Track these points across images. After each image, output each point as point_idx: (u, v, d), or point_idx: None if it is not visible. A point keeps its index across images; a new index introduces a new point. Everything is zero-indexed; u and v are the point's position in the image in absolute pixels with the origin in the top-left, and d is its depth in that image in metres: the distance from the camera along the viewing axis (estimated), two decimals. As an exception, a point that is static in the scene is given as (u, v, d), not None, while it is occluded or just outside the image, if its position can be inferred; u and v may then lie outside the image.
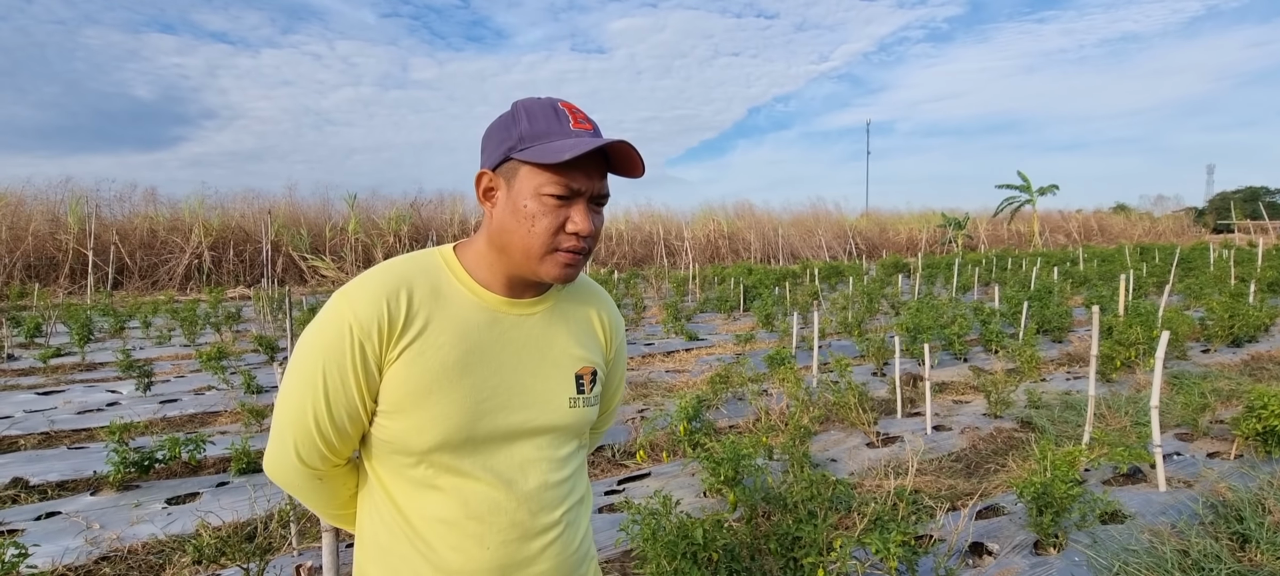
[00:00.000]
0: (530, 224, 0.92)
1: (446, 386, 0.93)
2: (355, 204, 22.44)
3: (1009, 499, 3.48)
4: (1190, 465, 3.91)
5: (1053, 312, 8.45)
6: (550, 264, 0.94)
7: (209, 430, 5.06)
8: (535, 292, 1.02)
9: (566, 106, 0.95)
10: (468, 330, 0.95)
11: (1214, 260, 17.29)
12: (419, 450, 0.94)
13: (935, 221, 33.14)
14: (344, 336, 0.90)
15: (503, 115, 0.97)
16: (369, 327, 0.90)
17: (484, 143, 0.98)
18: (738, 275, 15.46)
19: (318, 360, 0.92)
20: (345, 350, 0.91)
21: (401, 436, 0.94)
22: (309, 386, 0.93)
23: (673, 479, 3.94)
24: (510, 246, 0.94)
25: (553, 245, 0.93)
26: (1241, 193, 56.01)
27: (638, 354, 8.06)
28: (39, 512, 3.56)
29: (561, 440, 1.03)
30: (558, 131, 0.91)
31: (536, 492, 0.99)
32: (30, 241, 17.41)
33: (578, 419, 1.04)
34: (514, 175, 0.93)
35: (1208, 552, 2.78)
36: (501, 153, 0.94)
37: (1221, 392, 5.28)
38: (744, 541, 2.40)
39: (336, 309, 0.92)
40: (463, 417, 0.93)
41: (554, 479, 1.01)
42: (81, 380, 6.84)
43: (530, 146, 0.91)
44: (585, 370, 1.05)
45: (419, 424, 0.92)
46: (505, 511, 0.97)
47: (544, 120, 0.92)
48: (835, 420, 4.96)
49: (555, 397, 1.01)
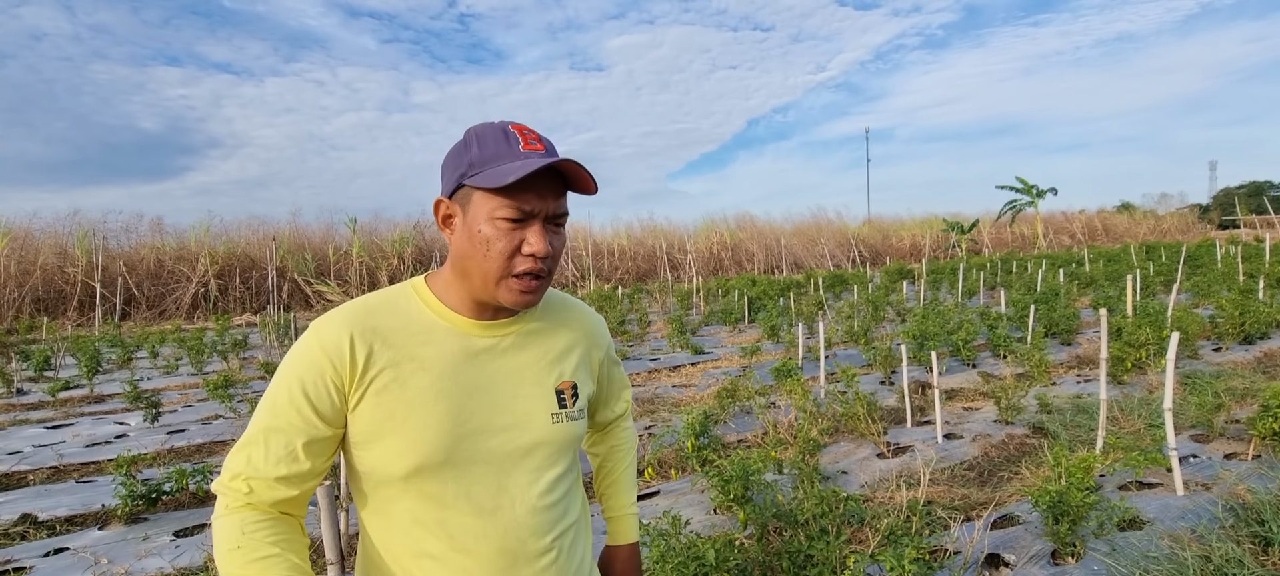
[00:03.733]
0: (485, 248, 0.93)
1: (421, 410, 0.93)
2: (358, 227, 22.55)
3: (1024, 507, 3.43)
4: (1207, 467, 3.85)
5: (1060, 315, 8.39)
6: (505, 289, 0.95)
7: (216, 459, 5.05)
8: (507, 314, 1.02)
9: (517, 128, 0.96)
10: (440, 355, 0.96)
11: (1221, 257, 17.18)
12: (399, 476, 0.93)
13: (938, 227, 33.07)
14: (315, 358, 0.92)
15: (457, 143, 0.98)
16: (334, 355, 0.92)
17: (442, 171, 1.00)
18: (742, 287, 15.43)
19: (291, 373, 0.93)
20: (315, 368, 0.92)
21: (381, 463, 0.94)
22: (275, 394, 0.94)
23: (682, 496, 3.90)
24: (470, 271, 0.96)
25: (509, 270, 0.93)
26: (1246, 188, 55.83)
27: (643, 369, 8.03)
28: (47, 548, 3.55)
29: (548, 460, 1.01)
30: (507, 154, 0.92)
31: (524, 518, 0.97)
32: (39, 275, 17.54)
33: (563, 434, 1.02)
34: (468, 201, 0.94)
35: (1229, 557, 2.73)
36: (455, 179, 0.95)
37: (1235, 392, 5.21)
38: (756, 560, 2.37)
39: (306, 338, 0.95)
40: (440, 440, 0.93)
41: (542, 503, 0.99)
42: (90, 412, 6.85)
43: (480, 171, 0.92)
44: (565, 384, 1.04)
45: (397, 448, 0.93)
46: (491, 539, 0.95)
47: (494, 144, 0.93)
48: (844, 431, 4.91)
49: (536, 415, 1.00)
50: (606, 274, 25.39)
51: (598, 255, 26.00)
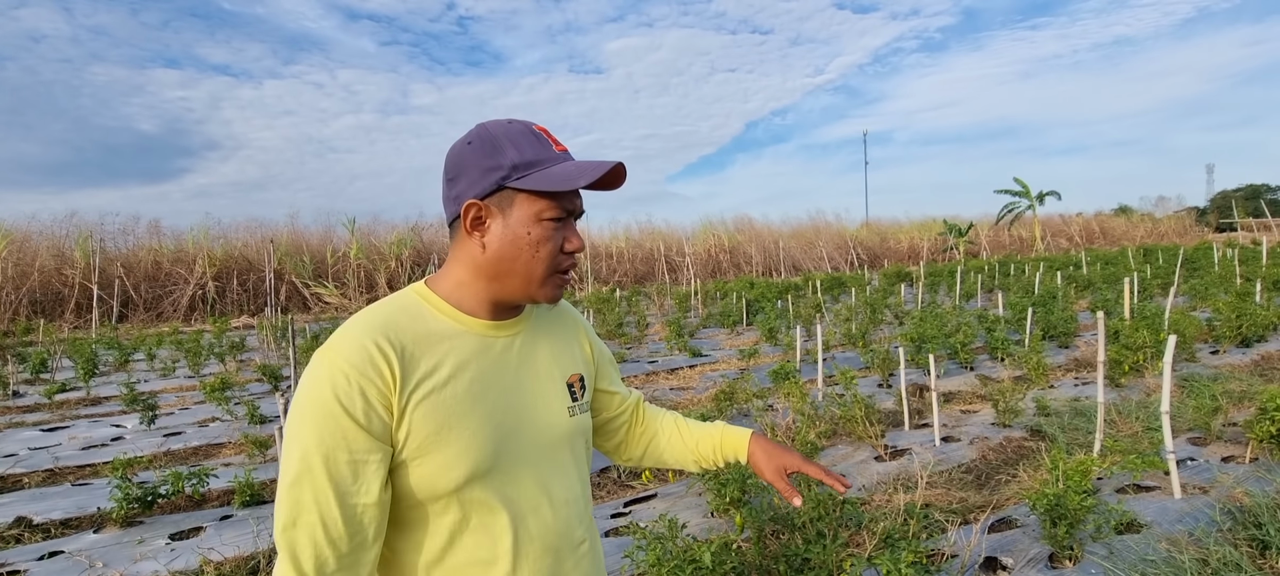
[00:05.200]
0: (534, 250, 0.94)
1: (464, 417, 0.91)
2: (356, 229, 22.54)
3: (1022, 510, 3.43)
4: (1205, 470, 3.86)
5: (1058, 318, 8.39)
6: (550, 286, 0.98)
7: (213, 462, 5.04)
8: (514, 313, 1.03)
9: (541, 130, 0.98)
10: (466, 358, 0.95)
11: (1218, 260, 17.21)
12: (448, 489, 0.89)
13: (937, 229, 33.12)
14: (349, 379, 0.83)
15: (475, 142, 0.95)
16: (369, 371, 0.84)
17: (459, 170, 0.95)
18: (740, 289, 15.44)
19: (329, 403, 0.83)
20: (354, 391, 0.83)
21: (429, 480, 0.89)
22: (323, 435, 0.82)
23: (679, 500, 3.90)
24: (510, 274, 0.95)
25: (555, 267, 0.96)
26: (1243, 191, 56.00)
27: (641, 372, 8.02)
28: (42, 552, 3.53)
29: (571, 453, 1.05)
30: (548, 157, 0.94)
31: (562, 511, 1.00)
32: (36, 277, 17.51)
33: (578, 426, 1.06)
34: (510, 204, 0.94)
35: (1227, 560, 2.73)
36: (493, 181, 0.93)
37: (1233, 395, 5.22)
38: (753, 564, 2.36)
39: (325, 369, 0.84)
40: (488, 445, 0.92)
41: (572, 494, 1.03)
42: (86, 415, 6.83)
43: (527, 174, 0.92)
44: (574, 377, 1.07)
45: (447, 460, 0.89)
46: (537, 538, 0.97)
47: (531, 147, 0.94)
48: (842, 434, 4.91)
49: (556, 410, 1.03)
50: (605, 276, 25.38)
51: (596, 257, 26.00)
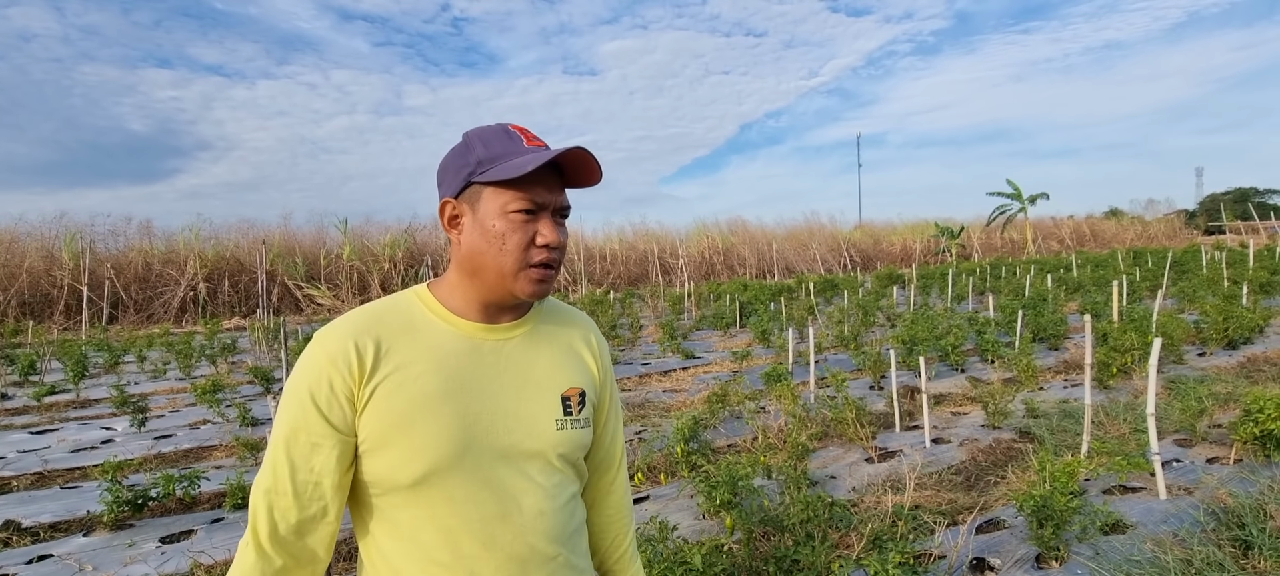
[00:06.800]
0: (500, 243, 0.94)
1: (429, 414, 0.92)
2: (349, 231, 22.47)
3: (1010, 511, 3.46)
4: (1190, 471, 3.90)
5: (1048, 320, 8.46)
6: (524, 280, 0.97)
7: (204, 465, 5.02)
8: (513, 316, 1.03)
9: (517, 128, 0.99)
10: (445, 358, 0.96)
11: (1207, 262, 17.38)
12: (407, 483, 0.92)
13: (929, 232, 33.30)
14: (321, 368, 0.92)
15: (455, 146, 1.00)
16: (340, 362, 0.92)
17: (441, 175, 1.01)
18: (733, 291, 15.48)
19: (300, 385, 0.92)
20: (322, 377, 0.92)
21: (389, 471, 0.92)
22: (286, 408, 0.93)
23: (671, 502, 3.91)
24: (483, 268, 0.96)
25: (525, 261, 0.95)
26: (1231, 194, 56.52)
27: (634, 374, 8.03)
28: (31, 555, 3.51)
29: (551, 468, 1.00)
30: (513, 151, 0.95)
31: (532, 523, 0.97)
32: (25, 278, 17.37)
33: (568, 442, 1.01)
34: (477, 199, 0.96)
35: (1211, 560, 2.77)
36: (461, 180, 0.97)
37: (1219, 397, 5.28)
38: (743, 565, 2.38)
39: (311, 349, 0.94)
40: (449, 444, 0.92)
41: (549, 508, 0.99)
42: (76, 417, 6.78)
43: (489, 168, 0.94)
44: (572, 391, 1.03)
45: (405, 454, 0.92)
46: (500, 546, 0.95)
47: (498, 143, 0.96)
48: (833, 436, 4.94)
49: (541, 420, 1.00)
50: (598, 278, 25.39)
51: (590, 259, 26.00)
